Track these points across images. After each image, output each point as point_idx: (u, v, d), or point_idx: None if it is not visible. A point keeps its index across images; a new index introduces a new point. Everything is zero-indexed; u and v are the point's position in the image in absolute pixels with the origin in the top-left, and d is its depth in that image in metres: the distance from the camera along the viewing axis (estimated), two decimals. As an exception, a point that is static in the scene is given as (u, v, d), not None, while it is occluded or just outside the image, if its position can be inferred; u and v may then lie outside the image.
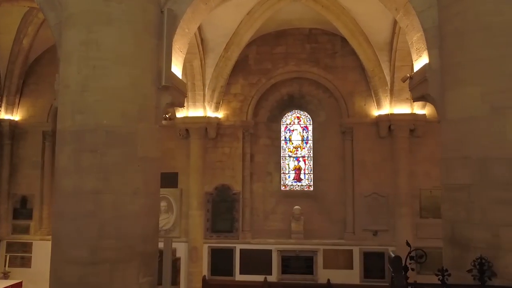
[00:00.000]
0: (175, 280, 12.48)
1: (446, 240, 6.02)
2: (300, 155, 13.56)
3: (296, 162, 13.55)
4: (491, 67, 5.48)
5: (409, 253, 5.42)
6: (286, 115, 13.58)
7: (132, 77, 6.18)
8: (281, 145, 13.50)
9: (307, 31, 12.86)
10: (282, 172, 13.40)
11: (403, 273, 5.11)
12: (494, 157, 5.40)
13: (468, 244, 5.58)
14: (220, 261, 12.38)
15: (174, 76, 6.96)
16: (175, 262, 12.52)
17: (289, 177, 13.50)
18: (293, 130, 13.65)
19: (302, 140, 13.60)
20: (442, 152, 6.24)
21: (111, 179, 5.96)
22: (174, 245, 12.57)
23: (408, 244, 5.47)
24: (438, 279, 5.34)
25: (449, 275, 5.35)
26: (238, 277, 12.29)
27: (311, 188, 13.26)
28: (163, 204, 12.66)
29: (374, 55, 11.41)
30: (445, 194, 6.11)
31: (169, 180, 12.83)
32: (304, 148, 13.57)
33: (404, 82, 7.23)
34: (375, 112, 12.16)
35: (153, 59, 6.53)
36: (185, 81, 12.20)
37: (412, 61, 7.30)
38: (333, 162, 12.71)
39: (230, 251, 12.37)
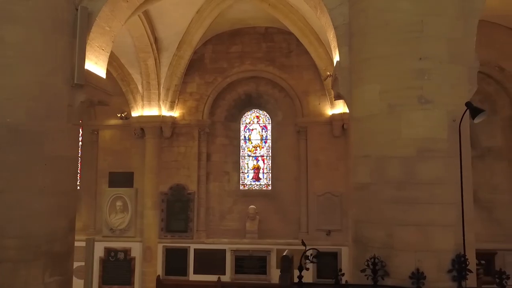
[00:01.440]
0: (129, 280, 12.44)
1: (352, 240, 5.97)
2: (259, 155, 13.50)
3: (255, 162, 13.50)
4: (388, 65, 5.44)
5: (304, 252, 5.38)
6: (245, 114, 13.52)
7: (39, 75, 6.13)
8: (241, 144, 13.43)
9: (263, 30, 12.79)
10: (241, 171, 13.33)
11: (290, 273, 5.07)
12: (389, 155, 5.36)
13: (367, 244, 5.54)
14: (175, 261, 12.32)
15: (91, 74, 6.90)
16: (130, 261, 12.50)
17: (248, 176, 13.44)
18: (252, 130, 13.59)
19: (262, 139, 13.54)
20: (352, 151, 6.21)
21: (15, 178, 5.91)
22: (129, 244, 12.63)
23: (303, 243, 5.43)
24: (333, 279, 5.31)
25: (342, 274, 5.32)
26: (192, 277, 12.22)
27: (270, 188, 13.20)
28: (118, 203, 12.62)
29: (326, 54, 11.32)
30: (352, 193, 6.06)
31: (125, 179, 12.80)
32: (263, 148, 13.52)
33: (325, 80, 7.18)
34: (329, 111, 12.09)
35: (66, 57, 6.47)
36: (140, 79, 12.26)
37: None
38: (289, 162, 12.65)
39: (184, 251, 12.31)
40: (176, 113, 12.71)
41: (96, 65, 7.14)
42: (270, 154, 13.32)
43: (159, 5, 11.03)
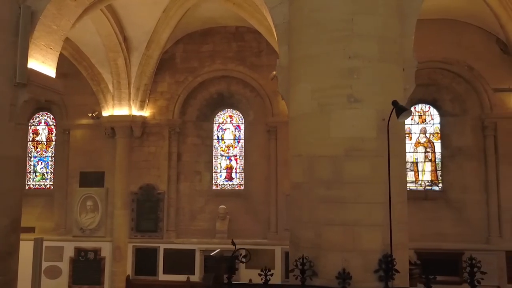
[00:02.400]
0: (99, 280, 12.41)
1: (289, 240, 5.94)
2: (232, 154, 13.46)
3: (228, 161, 13.45)
4: (319, 63, 5.42)
5: (234, 252, 5.36)
6: (218, 114, 13.46)
7: (-23, 74, 6.12)
8: (214, 144, 13.39)
9: (233, 29, 12.75)
10: (214, 171, 13.28)
11: (215, 273, 5.04)
12: (319, 155, 5.33)
13: (298, 244, 5.52)
14: (144, 260, 12.28)
15: (36, 73, 6.87)
16: (100, 261, 12.46)
17: (220, 176, 13.39)
18: (225, 129, 13.54)
19: (235, 139, 13.49)
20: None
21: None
22: (99, 244, 12.60)
23: (233, 243, 5.40)
24: (261, 279, 5.28)
25: (271, 275, 5.29)
26: (162, 276, 12.18)
27: (242, 188, 13.15)
28: (89, 203, 12.59)
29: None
30: (290, 192, 6.03)
31: (96, 179, 12.77)
32: (236, 147, 13.47)
33: (272, 80, 7.14)
34: (299, 110, 12.04)
35: (8, 56, 6.45)
36: (110, 79, 12.23)
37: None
38: (260, 161, 12.61)
39: (154, 251, 12.27)
40: (146, 112, 12.67)
41: (43, 64, 7.09)
42: (243, 154, 13.28)
43: (126, 4, 11.07)
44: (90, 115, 12.75)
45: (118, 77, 12.25)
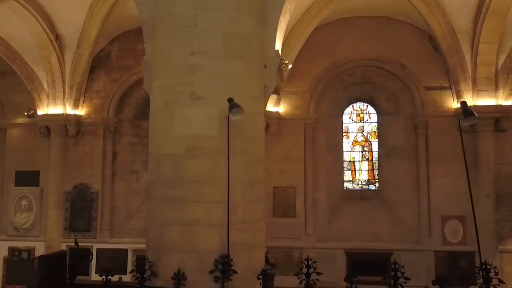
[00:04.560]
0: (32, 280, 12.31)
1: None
2: (172, 153, 13.34)
3: (168, 161, 13.34)
4: (166, 60, 5.34)
5: (77, 252, 5.26)
6: (159, 112, 13.36)
7: None
8: (154, 143, 13.27)
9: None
10: (154, 170, 13.17)
11: (42, 273, 4.95)
12: (164, 153, 5.24)
13: (149, 244, 5.43)
14: (78, 260, 12.17)
15: None
16: (33, 261, 12.35)
17: (160, 175, 13.28)
18: (166, 128, 13.42)
19: (175, 138, 13.37)
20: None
21: None
22: (33, 244, 12.52)
23: (76, 243, 5.30)
24: (102, 279, 5.20)
25: (112, 275, 5.20)
26: (94, 277, 12.08)
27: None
28: (23, 202, 12.50)
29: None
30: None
31: (31, 178, 12.67)
32: (176, 146, 13.36)
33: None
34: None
35: None
36: (45, 77, 12.13)
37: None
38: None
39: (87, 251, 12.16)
40: (82, 111, 12.56)
41: None
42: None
43: (52, 2, 10.99)
44: (25, 114, 12.65)
45: (52, 76, 12.12)
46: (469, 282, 10.11)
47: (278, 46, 5.88)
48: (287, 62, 6.61)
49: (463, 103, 4.72)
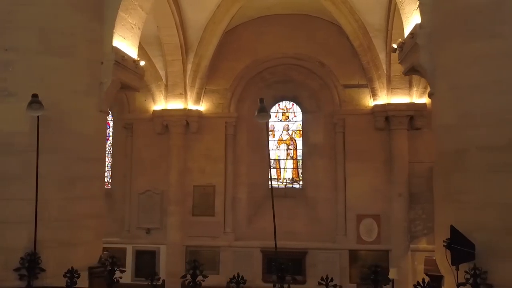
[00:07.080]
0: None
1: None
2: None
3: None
4: None
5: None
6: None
7: None
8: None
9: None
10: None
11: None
12: None
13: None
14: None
15: None
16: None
17: (90, 174, 13.22)
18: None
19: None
20: None
21: None
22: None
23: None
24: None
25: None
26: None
27: (110, 186, 12.98)
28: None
29: (143, 49, 11.13)
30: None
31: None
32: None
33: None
34: (153, 107, 11.91)
35: None
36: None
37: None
38: (120, 159, 12.43)
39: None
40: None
41: None
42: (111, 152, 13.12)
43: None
44: None
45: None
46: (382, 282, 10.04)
47: (117, 42, 5.83)
48: (138, 59, 6.58)
49: (261, 100, 4.68)
